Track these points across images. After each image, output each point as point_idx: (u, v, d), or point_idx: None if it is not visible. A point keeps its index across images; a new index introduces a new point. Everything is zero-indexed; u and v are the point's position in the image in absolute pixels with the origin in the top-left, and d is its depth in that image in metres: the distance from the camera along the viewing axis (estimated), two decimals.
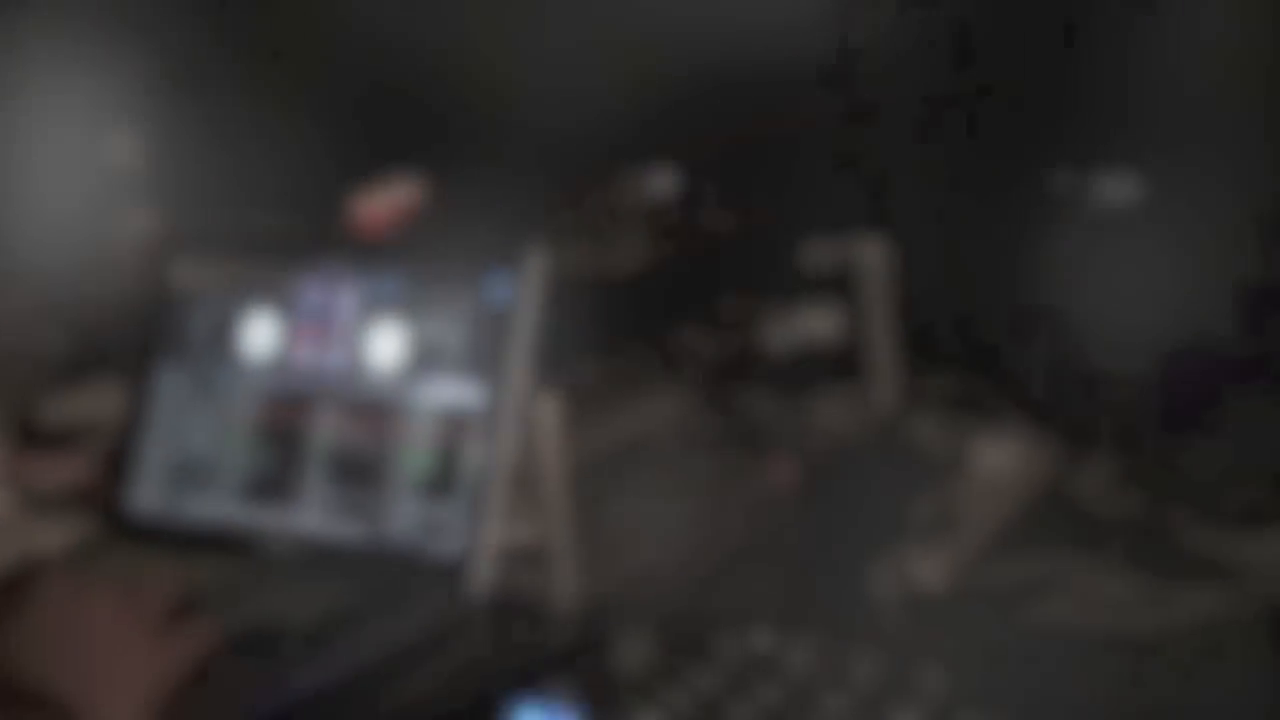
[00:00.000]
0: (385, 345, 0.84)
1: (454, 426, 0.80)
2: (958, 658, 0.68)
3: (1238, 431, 0.96)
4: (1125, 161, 1.17)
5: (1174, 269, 1.04)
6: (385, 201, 1.18)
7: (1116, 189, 1.17)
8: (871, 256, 1.06)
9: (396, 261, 0.87)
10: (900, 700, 0.64)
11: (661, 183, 1.33)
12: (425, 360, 0.83)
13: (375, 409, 0.83)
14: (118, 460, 0.90)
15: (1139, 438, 0.99)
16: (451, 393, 0.81)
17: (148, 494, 0.89)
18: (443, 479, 0.80)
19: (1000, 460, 0.94)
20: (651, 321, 1.20)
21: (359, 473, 0.82)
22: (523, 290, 0.81)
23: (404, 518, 0.80)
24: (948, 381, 1.08)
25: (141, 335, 0.91)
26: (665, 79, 1.29)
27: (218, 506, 0.86)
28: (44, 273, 1.21)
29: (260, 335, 0.88)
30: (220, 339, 0.89)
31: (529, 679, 0.69)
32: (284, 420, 0.86)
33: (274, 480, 0.85)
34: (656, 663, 0.71)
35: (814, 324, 1.12)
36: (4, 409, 1.01)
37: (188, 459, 0.88)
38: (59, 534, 0.89)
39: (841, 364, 1.08)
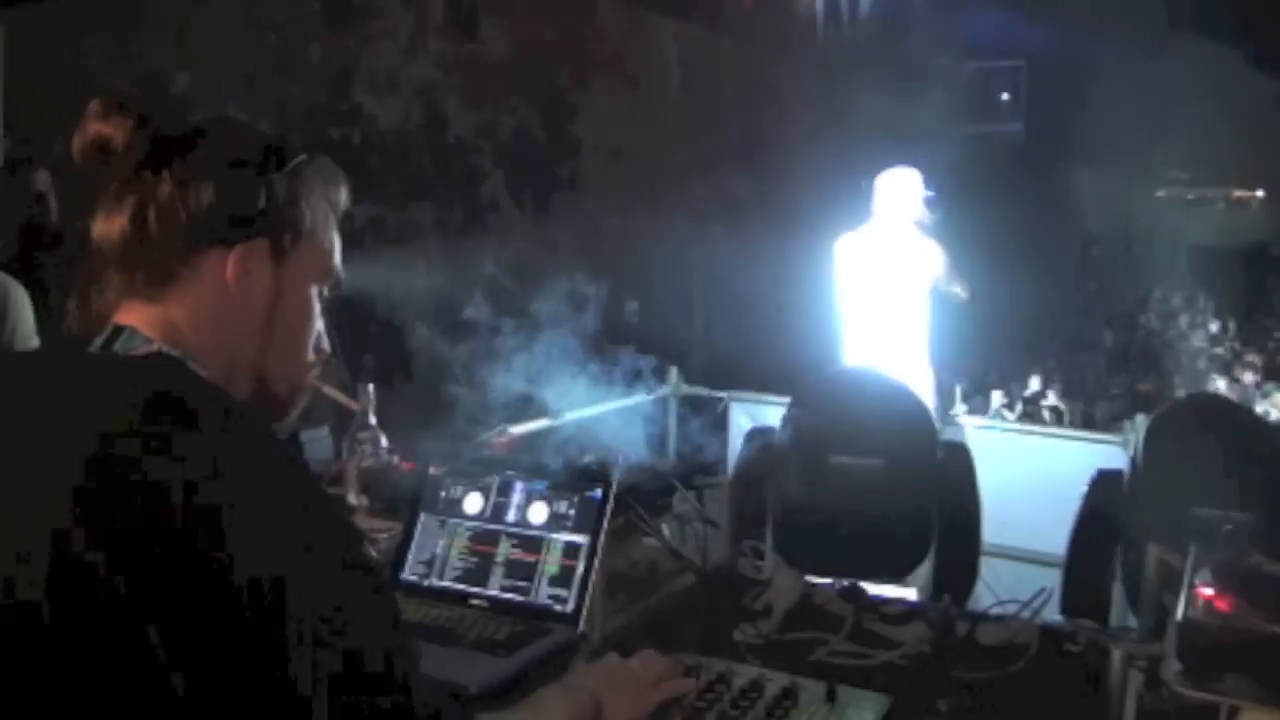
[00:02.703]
0: (537, 513, 1.78)
1: (570, 554, 1.73)
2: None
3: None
4: None
5: None
6: (502, 439, 2.14)
7: None
8: None
9: (542, 472, 1.81)
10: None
11: None
12: (556, 521, 1.76)
13: (531, 542, 1.76)
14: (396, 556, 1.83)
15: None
16: (569, 538, 1.74)
17: (411, 572, 1.80)
18: (563, 578, 1.72)
19: (785, 581, 1.90)
20: None
21: (522, 572, 1.74)
22: (607, 495, 1.75)
23: (544, 594, 1.72)
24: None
25: (414, 495, 1.84)
26: None
27: (445, 581, 1.78)
28: None
29: (474, 502, 1.81)
30: (455, 502, 1.82)
31: None
32: (483, 545, 1.78)
33: (476, 572, 1.76)
34: None
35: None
36: None
37: (431, 557, 1.80)
38: None
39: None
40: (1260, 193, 15.46)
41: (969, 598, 2.44)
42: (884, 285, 4.50)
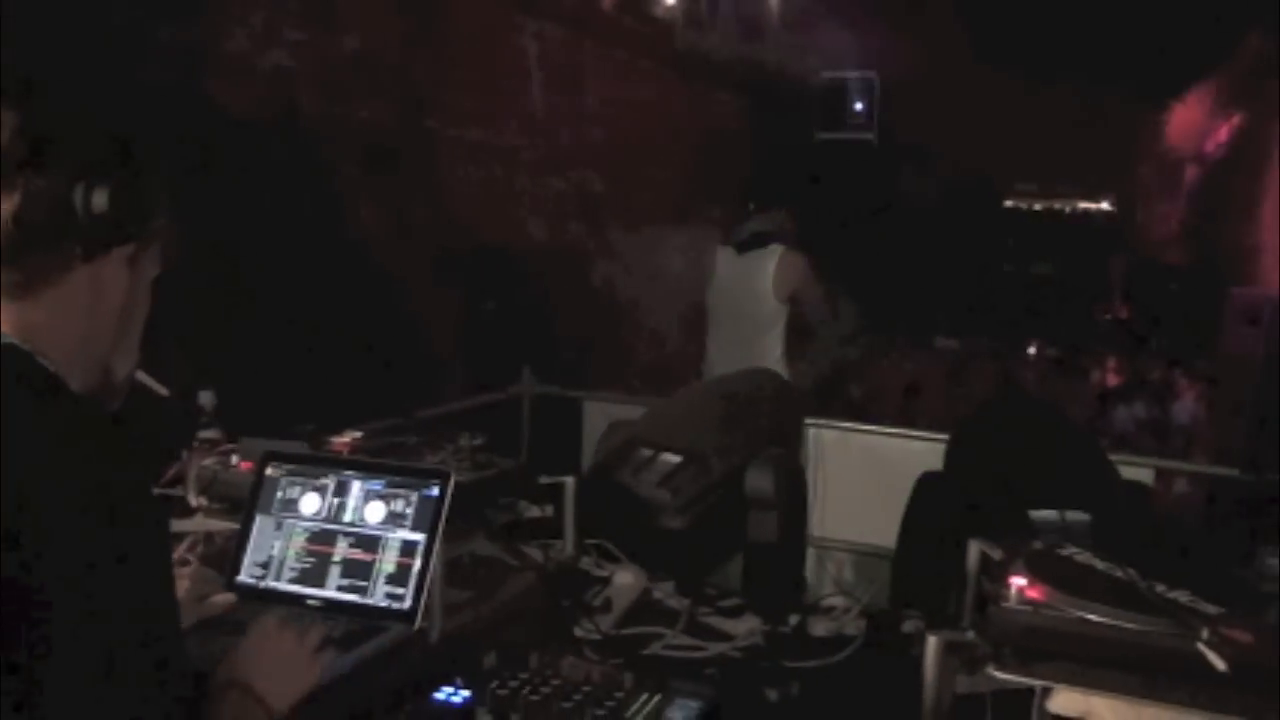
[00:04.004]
0: (374, 511, 1.77)
1: (407, 552, 1.73)
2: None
3: None
4: None
5: None
6: (346, 439, 2.12)
7: None
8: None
9: (379, 471, 1.80)
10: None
11: None
12: (393, 520, 1.76)
13: (368, 540, 1.75)
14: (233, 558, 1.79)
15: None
16: (406, 536, 1.74)
17: (247, 575, 1.77)
18: (400, 576, 1.72)
19: (625, 577, 1.95)
20: None
21: (359, 571, 1.73)
22: (445, 491, 1.75)
23: (381, 593, 1.71)
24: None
25: (250, 497, 1.81)
26: None
27: (282, 583, 1.76)
28: None
29: (311, 502, 1.80)
30: (291, 502, 1.80)
31: (443, 673, 1.59)
32: (320, 545, 1.77)
33: (313, 573, 1.75)
34: (497, 666, 1.63)
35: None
36: None
37: (268, 559, 1.77)
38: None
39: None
40: (1105, 205, 16.14)
41: (803, 592, 2.52)
42: (745, 292, 4.59)
